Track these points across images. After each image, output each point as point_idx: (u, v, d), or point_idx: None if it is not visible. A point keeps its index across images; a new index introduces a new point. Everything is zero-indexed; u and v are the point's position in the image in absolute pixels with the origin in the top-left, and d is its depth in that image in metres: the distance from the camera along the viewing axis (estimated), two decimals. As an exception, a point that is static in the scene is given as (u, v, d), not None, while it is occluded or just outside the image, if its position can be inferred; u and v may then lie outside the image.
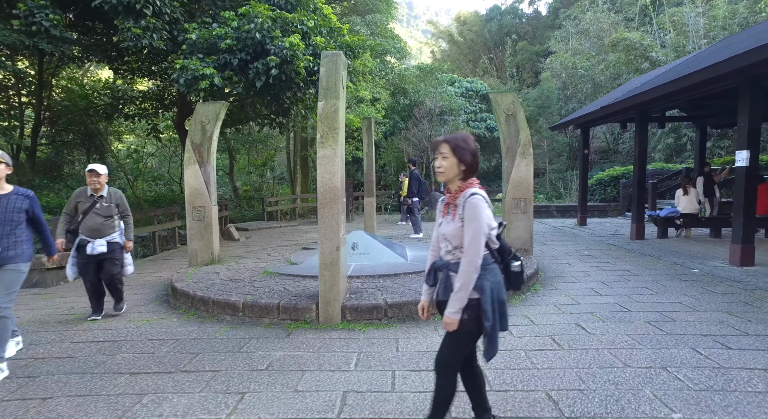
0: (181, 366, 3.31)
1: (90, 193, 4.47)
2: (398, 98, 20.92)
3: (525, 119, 6.54)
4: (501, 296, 2.05)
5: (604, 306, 4.56)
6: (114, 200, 4.55)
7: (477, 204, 1.97)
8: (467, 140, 2.08)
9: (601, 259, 7.08)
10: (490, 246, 2.06)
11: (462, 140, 2.06)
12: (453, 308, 1.97)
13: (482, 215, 1.95)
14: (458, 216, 2.01)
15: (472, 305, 1.98)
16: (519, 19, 42.04)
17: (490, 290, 1.99)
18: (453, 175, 2.05)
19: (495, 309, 2.00)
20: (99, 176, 4.43)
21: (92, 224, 4.41)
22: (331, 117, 4.15)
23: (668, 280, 5.59)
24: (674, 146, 18.31)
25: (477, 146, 2.09)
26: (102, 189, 4.48)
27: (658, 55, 18.75)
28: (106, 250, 4.45)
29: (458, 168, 2.04)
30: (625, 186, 13.92)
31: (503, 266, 2.15)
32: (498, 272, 2.09)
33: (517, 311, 4.50)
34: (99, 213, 4.43)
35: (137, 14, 7.19)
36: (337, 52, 4.26)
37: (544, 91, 24.63)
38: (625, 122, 11.69)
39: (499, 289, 2.04)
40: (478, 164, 2.10)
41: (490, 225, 2.02)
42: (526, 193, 6.52)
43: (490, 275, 2.02)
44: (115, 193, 4.59)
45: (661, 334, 3.71)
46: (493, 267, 2.06)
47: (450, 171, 2.04)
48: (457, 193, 2.07)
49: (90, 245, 4.40)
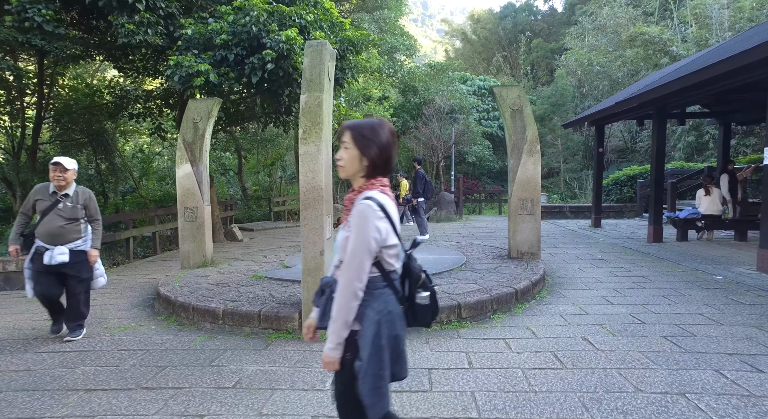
0: (144, 381, 3.04)
1: (52, 190, 3.82)
2: (408, 97, 20.58)
3: (532, 115, 6.13)
4: (393, 332, 1.60)
5: (615, 317, 4.15)
6: (81, 201, 3.89)
7: (363, 212, 1.54)
8: (377, 129, 1.63)
9: (615, 263, 6.62)
10: (384, 267, 1.62)
11: (369, 128, 1.63)
12: (330, 343, 1.56)
13: (368, 227, 1.53)
14: (348, 225, 1.61)
15: (352, 341, 1.57)
16: (534, 16, 41.29)
17: (373, 322, 1.55)
18: (354, 171, 1.64)
19: (380, 348, 1.55)
20: (66, 171, 3.77)
21: (51, 227, 3.73)
22: (314, 111, 3.83)
23: (688, 288, 5.14)
24: (695, 144, 17.56)
25: (390, 140, 1.64)
26: (68, 187, 3.83)
27: (679, 49, 18.01)
28: (68, 260, 3.75)
29: (360, 163, 1.62)
30: (643, 186, 13.33)
31: (408, 295, 1.72)
32: (392, 301, 1.63)
33: (519, 321, 4.13)
34: (61, 215, 3.77)
35: (131, 9, 7.00)
36: (322, 41, 3.95)
37: (558, 88, 23.98)
38: (642, 119, 11.13)
39: (390, 322, 1.59)
40: (390, 161, 1.65)
41: (384, 241, 1.57)
42: (533, 193, 6.12)
43: (377, 302, 1.58)
44: (83, 192, 3.95)
45: (679, 352, 3.29)
46: (384, 293, 1.61)
47: (350, 166, 1.63)
48: (355, 194, 1.65)
49: (48, 254, 3.69)
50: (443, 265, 5.76)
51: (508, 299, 4.50)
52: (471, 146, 21.42)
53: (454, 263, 5.92)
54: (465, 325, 4.06)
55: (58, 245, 3.75)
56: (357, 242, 1.52)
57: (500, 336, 3.77)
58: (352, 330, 1.56)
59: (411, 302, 1.70)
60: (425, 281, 1.71)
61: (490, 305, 4.32)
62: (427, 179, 10.03)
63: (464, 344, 3.60)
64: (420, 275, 1.70)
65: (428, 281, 1.72)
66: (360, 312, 1.56)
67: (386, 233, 1.58)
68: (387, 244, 1.59)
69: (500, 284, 4.77)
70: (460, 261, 6.03)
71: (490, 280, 4.98)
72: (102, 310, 4.94)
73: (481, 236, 9.95)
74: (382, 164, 1.63)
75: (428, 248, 7.43)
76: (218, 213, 11.41)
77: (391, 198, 1.66)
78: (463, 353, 3.41)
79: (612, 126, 20.82)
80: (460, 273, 5.39)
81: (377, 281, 1.61)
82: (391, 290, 1.65)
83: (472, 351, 3.45)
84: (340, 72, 8.50)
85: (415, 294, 1.70)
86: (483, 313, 4.26)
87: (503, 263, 6.00)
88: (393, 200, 1.66)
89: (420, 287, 1.70)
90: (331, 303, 1.61)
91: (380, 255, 1.59)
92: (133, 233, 9.08)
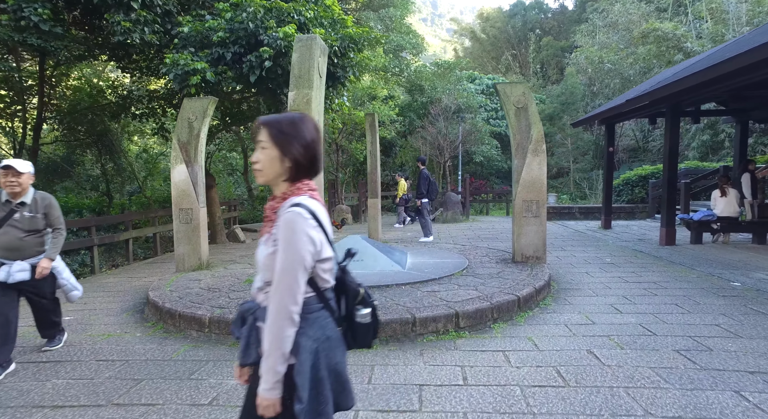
0: (116, 397, 2.86)
1: (5, 198, 3.31)
2: (415, 96, 20.33)
3: (537, 113, 5.87)
4: (334, 360, 1.40)
5: (623, 328, 3.88)
6: (41, 209, 3.42)
7: (292, 221, 1.30)
8: (298, 123, 1.40)
9: (625, 268, 6.33)
10: (318, 285, 1.40)
11: (288, 123, 1.39)
12: (265, 384, 1.30)
13: (300, 238, 1.30)
14: (273, 237, 1.37)
15: (288, 378, 1.33)
16: (544, 14, 40.79)
17: (310, 352, 1.34)
18: (275, 174, 1.39)
19: (321, 382, 1.35)
20: (19, 175, 3.25)
21: (8, 241, 3.27)
22: (302, 109, 3.63)
23: (703, 295, 4.84)
24: (710, 143, 17.06)
25: (315, 136, 1.42)
26: (24, 194, 3.34)
27: (694, 45, 17.51)
28: (29, 277, 3.33)
29: (281, 164, 1.38)
30: (655, 186, 12.93)
31: (345, 314, 1.50)
32: (329, 324, 1.43)
33: (521, 331, 3.88)
34: (18, 226, 3.30)
35: (127, 7, 6.87)
36: (312, 35, 3.75)
37: (568, 87, 23.54)
38: (655, 117, 10.76)
39: (330, 349, 1.39)
40: (317, 161, 1.43)
41: (319, 253, 1.35)
42: (538, 194, 5.85)
43: (313, 328, 1.37)
44: (43, 199, 3.46)
45: (693, 368, 3.03)
46: (320, 316, 1.40)
47: (270, 168, 1.38)
48: (279, 202, 1.41)
49: (5, 270, 3.26)
50: (443, 269, 5.53)
51: (510, 307, 4.26)
52: (479, 146, 21.10)
53: (455, 267, 5.69)
54: (463, 335, 3.83)
55: (17, 261, 3.32)
56: (289, 257, 1.30)
57: (500, 347, 3.54)
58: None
59: (350, 322, 1.50)
60: (365, 296, 1.51)
61: (490, 314, 4.08)
62: (431, 179, 9.79)
63: (460, 357, 3.37)
64: (358, 290, 1.51)
65: (368, 297, 1.52)
66: (294, 342, 1.32)
67: (321, 244, 1.36)
68: (322, 257, 1.37)
69: (502, 290, 4.53)
70: (461, 265, 5.79)
71: (491, 286, 4.73)
72: (90, 315, 4.80)
73: (486, 238, 9.68)
74: (307, 165, 1.41)
75: (430, 251, 7.20)
76: (220, 214, 11.30)
77: (322, 204, 1.45)
78: (458, 367, 3.18)
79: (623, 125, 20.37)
80: (460, 278, 5.16)
81: (312, 303, 1.39)
82: (327, 312, 1.44)
83: (469, 364, 3.22)
84: (341, 70, 8.30)
85: (354, 312, 1.50)
86: (482, 322, 4.02)
87: (507, 267, 5.74)
88: (324, 207, 1.45)
89: (359, 304, 1.50)
90: (255, 334, 1.39)
91: (314, 271, 1.38)
92: (132, 235, 8.99)
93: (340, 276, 1.52)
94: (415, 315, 3.81)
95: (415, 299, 4.27)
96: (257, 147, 1.40)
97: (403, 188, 12.99)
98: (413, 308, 3.97)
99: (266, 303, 1.37)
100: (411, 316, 3.79)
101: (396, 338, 3.74)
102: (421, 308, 3.99)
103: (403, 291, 4.62)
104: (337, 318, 1.48)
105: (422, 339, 3.76)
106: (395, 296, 4.41)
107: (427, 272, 5.36)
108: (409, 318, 3.78)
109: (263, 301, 1.41)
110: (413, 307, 4.02)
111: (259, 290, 1.44)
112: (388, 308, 4.03)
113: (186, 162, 6.33)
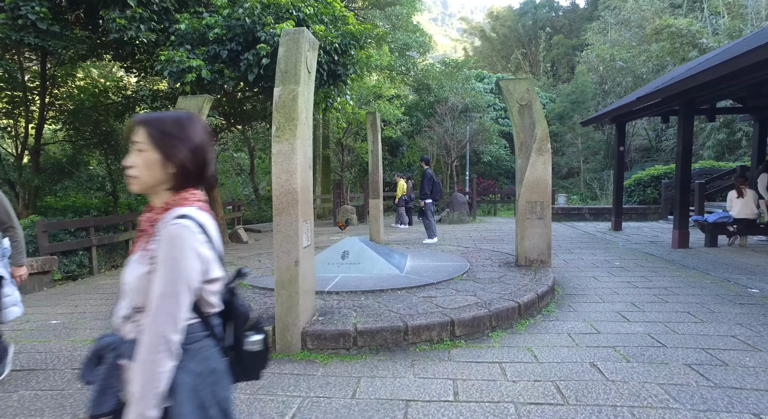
0: (82, 411, 2.70)
1: None
2: (422, 95, 20.09)
3: (542, 110, 5.62)
4: (219, 396, 1.19)
5: (631, 338, 3.63)
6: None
7: (178, 236, 1.10)
8: (184, 123, 1.19)
9: (635, 272, 6.04)
10: (202, 309, 1.19)
11: (173, 122, 1.19)
12: None
13: (186, 255, 1.09)
14: (149, 254, 1.14)
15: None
16: (555, 12, 40.29)
17: (191, 391, 1.12)
18: (154, 182, 1.18)
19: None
20: None
21: None
22: (288, 106, 3.45)
23: (718, 303, 4.55)
24: (726, 142, 16.56)
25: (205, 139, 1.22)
26: None
27: (709, 41, 17.04)
28: None
29: (162, 170, 1.17)
30: (668, 187, 12.54)
31: (233, 342, 1.29)
32: (214, 355, 1.22)
33: (520, 340, 3.65)
34: None
35: (122, 4, 6.77)
36: (299, 28, 3.57)
37: (578, 85, 23.09)
38: (668, 115, 10.40)
39: (215, 384, 1.19)
40: (207, 167, 1.23)
41: (207, 273, 1.15)
42: (542, 196, 5.60)
43: (195, 360, 1.16)
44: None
45: (706, 386, 2.78)
46: (203, 346, 1.19)
47: (148, 175, 1.17)
48: (160, 213, 1.18)
49: None
50: (443, 273, 5.31)
51: (510, 314, 4.03)
52: (487, 146, 20.79)
53: (455, 271, 5.46)
54: (459, 344, 3.61)
55: None
56: (172, 278, 1.09)
57: (496, 358, 3.31)
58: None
59: (237, 351, 1.31)
60: (256, 321, 1.33)
61: (488, 322, 3.86)
62: (435, 179, 9.56)
63: (453, 369, 3.16)
64: (248, 314, 1.32)
65: (260, 322, 1.35)
66: (171, 380, 1.10)
67: (209, 263, 1.17)
68: (209, 277, 1.18)
69: (502, 296, 4.30)
70: (462, 269, 5.57)
71: (491, 292, 4.50)
72: (78, 319, 4.68)
73: (492, 239, 9.43)
74: (195, 172, 1.21)
75: (431, 253, 6.98)
76: (223, 215, 11.20)
77: (212, 218, 1.25)
78: (450, 380, 2.97)
79: (636, 124, 19.91)
80: (459, 283, 4.93)
81: (195, 331, 1.18)
82: (212, 340, 1.23)
83: (461, 377, 3.01)
84: (342, 68, 8.12)
85: (242, 340, 1.31)
86: (480, 330, 3.80)
87: (509, 271, 5.50)
88: (214, 220, 1.25)
89: (250, 330, 1.32)
90: (117, 374, 1.17)
91: (199, 293, 1.18)
92: (132, 235, 8.91)
93: (229, 299, 1.32)
94: (407, 322, 3.60)
95: (409, 306, 4.07)
96: (132, 149, 1.19)
97: (402, 189, 12.76)
98: (406, 316, 3.76)
99: (134, 335, 1.14)
100: (403, 324, 3.59)
101: (387, 347, 3.54)
102: (415, 315, 3.78)
103: (398, 297, 4.41)
104: (223, 346, 1.28)
105: (415, 348, 3.55)
106: (389, 302, 4.20)
107: (426, 276, 5.15)
108: (401, 326, 3.57)
109: (129, 333, 1.17)
110: (406, 314, 3.81)
111: (124, 319, 1.19)
112: (380, 314, 3.83)
113: (180, 162, 6.20)
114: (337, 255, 5.64)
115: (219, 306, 1.27)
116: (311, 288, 3.80)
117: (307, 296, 3.65)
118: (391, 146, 19.25)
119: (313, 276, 3.84)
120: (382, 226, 8.92)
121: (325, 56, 7.52)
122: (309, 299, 3.73)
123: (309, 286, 3.72)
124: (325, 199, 17.68)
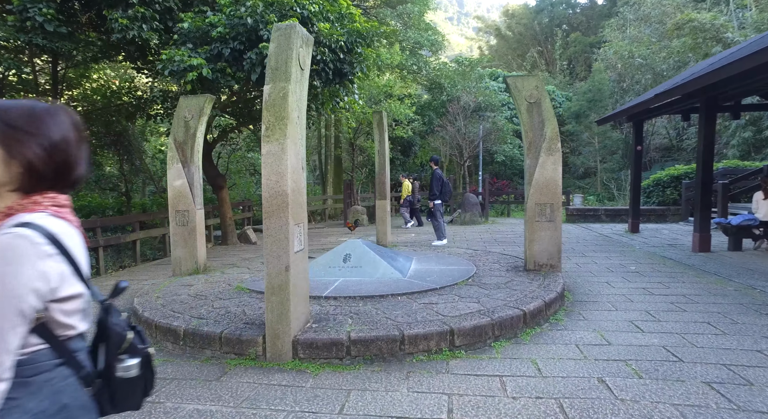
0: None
1: None
2: (435, 94, 19.85)
3: (551, 108, 5.37)
4: None
5: (644, 351, 3.38)
6: None
7: (9, 247, 0.92)
8: (40, 116, 1.02)
9: (651, 277, 5.74)
10: (55, 333, 1.02)
11: (22, 114, 1.02)
12: None
13: (17, 272, 0.91)
14: None
15: None
16: (572, 9, 39.56)
17: None
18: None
19: None
20: None
21: None
22: (278, 104, 3.30)
23: (741, 313, 4.25)
24: (753, 140, 15.90)
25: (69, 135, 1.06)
26: None
27: (735, 36, 16.37)
28: None
29: (4, 170, 1.01)
30: (688, 187, 12.06)
31: (103, 368, 1.10)
32: (68, 387, 1.02)
33: (524, 351, 3.43)
34: None
35: (125, 3, 6.75)
36: (291, 23, 3.42)
37: (595, 83, 22.53)
38: (688, 113, 9.98)
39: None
40: (70, 167, 1.07)
41: (54, 292, 0.98)
42: (552, 197, 5.35)
43: (38, 397, 0.97)
44: None
45: (728, 408, 2.53)
46: (53, 378, 1.01)
47: None
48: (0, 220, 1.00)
49: None
50: (447, 278, 5.11)
51: (514, 323, 3.81)
52: (501, 145, 20.42)
53: (460, 275, 5.26)
54: (458, 355, 3.42)
55: None
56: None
57: (497, 371, 3.11)
58: None
59: (108, 379, 1.13)
60: (133, 342, 1.15)
61: (490, 331, 3.65)
62: (444, 179, 9.33)
63: (450, 382, 2.96)
64: (124, 334, 1.14)
65: (139, 342, 1.17)
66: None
67: (59, 279, 1.00)
68: (60, 296, 1.01)
69: (507, 304, 4.08)
70: (468, 273, 5.35)
71: (496, 298, 4.29)
72: (74, 322, 4.62)
73: (502, 241, 9.17)
74: (50, 173, 1.04)
75: (438, 256, 6.77)
76: (231, 215, 11.17)
77: (72, 224, 1.08)
78: (445, 395, 2.78)
79: (655, 122, 19.32)
80: (464, 288, 4.73)
81: (41, 359, 1.00)
82: (69, 369, 1.05)
83: (458, 392, 2.81)
84: (348, 66, 7.98)
85: (115, 365, 1.13)
86: (482, 340, 3.60)
87: (517, 276, 5.27)
88: (75, 227, 1.09)
89: (124, 353, 1.14)
90: None
91: (49, 315, 1.01)
92: (140, 236, 8.92)
93: (102, 318, 1.16)
94: (404, 331, 3.42)
95: (408, 313, 3.88)
96: None
97: (407, 189, 12.56)
98: (404, 324, 3.58)
99: None
100: (399, 333, 3.41)
101: (382, 357, 3.37)
102: (413, 323, 3.60)
103: (398, 303, 4.23)
104: (87, 374, 1.10)
105: (411, 358, 3.37)
106: (387, 309, 4.03)
107: (429, 281, 4.95)
108: (397, 335, 3.39)
109: None
110: (404, 322, 3.63)
111: None
112: (376, 322, 3.66)
113: (182, 162, 6.13)
114: (338, 258, 5.49)
115: (83, 327, 1.10)
116: (304, 294, 3.65)
117: (299, 303, 3.50)
118: (403, 146, 19.03)
119: (306, 282, 3.69)
120: (389, 227, 8.74)
121: (330, 54, 7.38)
122: (301, 306, 3.58)
123: (302, 292, 3.57)
124: (337, 199, 17.60)
